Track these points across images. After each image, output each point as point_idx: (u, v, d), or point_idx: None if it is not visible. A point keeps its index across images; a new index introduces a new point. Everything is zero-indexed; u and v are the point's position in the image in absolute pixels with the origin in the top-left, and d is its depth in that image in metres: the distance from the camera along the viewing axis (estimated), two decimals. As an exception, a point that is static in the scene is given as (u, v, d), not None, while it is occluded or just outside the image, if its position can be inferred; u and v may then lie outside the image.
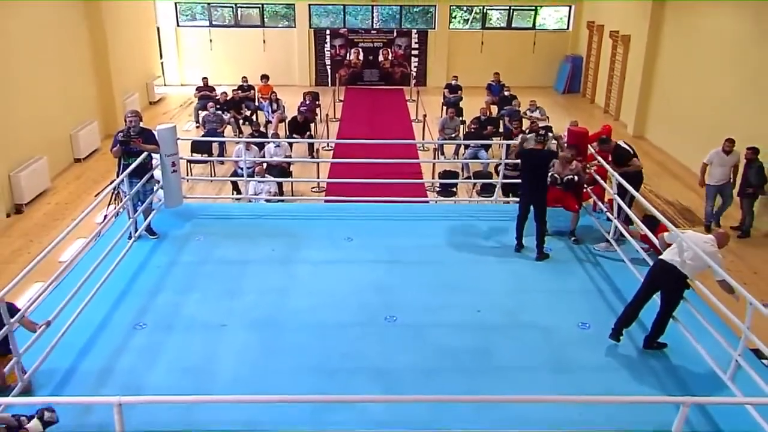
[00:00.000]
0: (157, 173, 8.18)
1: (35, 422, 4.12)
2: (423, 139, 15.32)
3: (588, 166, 8.20)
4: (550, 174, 7.66)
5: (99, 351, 5.72)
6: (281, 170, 11.86)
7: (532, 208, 7.48)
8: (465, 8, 22.12)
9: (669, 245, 5.94)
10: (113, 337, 5.91)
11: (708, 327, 5.60)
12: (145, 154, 7.69)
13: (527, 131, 13.15)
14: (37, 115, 12.57)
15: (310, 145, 14.26)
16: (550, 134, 8.43)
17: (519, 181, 7.81)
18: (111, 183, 8.74)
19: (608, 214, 7.82)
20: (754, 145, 10.62)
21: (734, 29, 12.76)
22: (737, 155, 10.78)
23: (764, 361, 5.46)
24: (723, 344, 5.40)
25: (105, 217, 8.91)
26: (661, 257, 5.89)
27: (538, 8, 21.95)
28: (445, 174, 12.54)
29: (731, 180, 10.89)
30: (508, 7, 21.85)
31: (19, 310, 5.03)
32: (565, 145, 8.17)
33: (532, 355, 5.82)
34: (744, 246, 10.68)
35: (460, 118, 15.46)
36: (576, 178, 7.83)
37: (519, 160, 7.93)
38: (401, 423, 4.60)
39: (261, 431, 4.54)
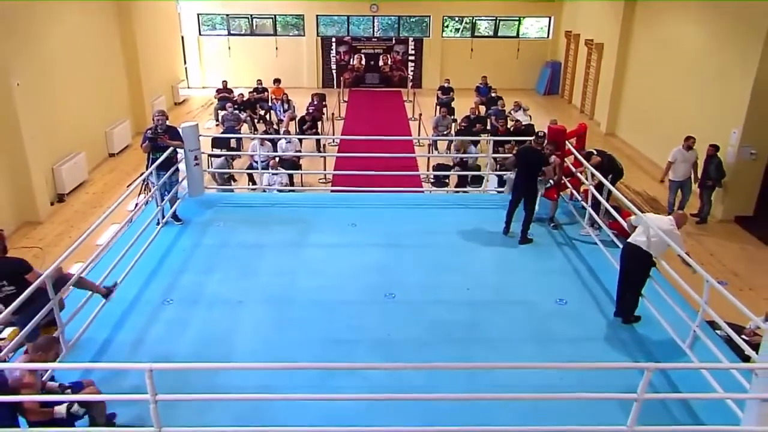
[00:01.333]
0: (182, 166, 8.16)
1: (63, 407, 4.14)
2: (419, 135, 15.25)
3: (565, 159, 8.19)
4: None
5: (132, 323, 5.75)
6: (292, 163, 11.84)
7: (523, 198, 7.45)
8: (456, 19, 21.96)
9: (635, 228, 5.95)
10: (144, 312, 5.93)
11: (670, 302, 5.64)
12: (171, 149, 7.68)
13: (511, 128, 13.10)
14: (77, 115, 12.53)
15: (318, 141, 14.21)
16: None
17: (504, 173, 7.77)
18: (141, 175, 8.75)
19: (583, 203, 7.81)
20: (712, 143, 10.60)
21: (695, 39, 12.66)
22: (696, 152, 10.75)
23: (718, 331, 5.49)
24: (683, 317, 5.45)
25: (136, 205, 8.91)
26: (628, 240, 5.89)
27: (522, 19, 21.83)
28: (438, 167, 12.50)
29: (691, 176, 10.87)
30: (494, 18, 21.74)
31: (72, 275, 5.05)
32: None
33: (517, 327, 5.84)
34: (702, 231, 10.71)
35: (452, 117, 15.36)
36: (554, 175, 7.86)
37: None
38: (399, 388, 4.61)
39: (274, 394, 4.55)
